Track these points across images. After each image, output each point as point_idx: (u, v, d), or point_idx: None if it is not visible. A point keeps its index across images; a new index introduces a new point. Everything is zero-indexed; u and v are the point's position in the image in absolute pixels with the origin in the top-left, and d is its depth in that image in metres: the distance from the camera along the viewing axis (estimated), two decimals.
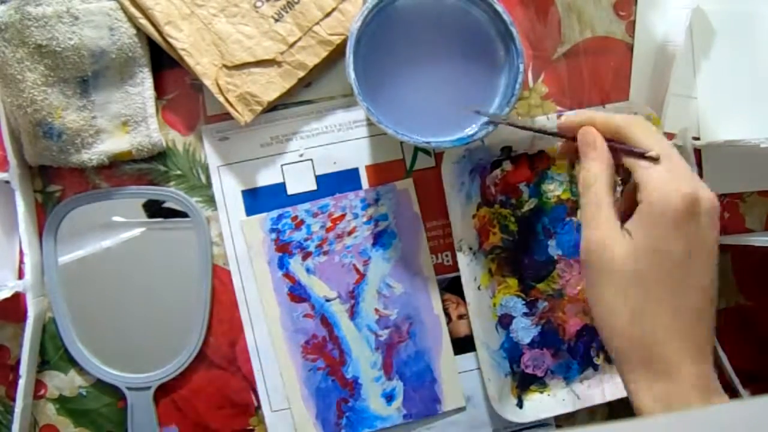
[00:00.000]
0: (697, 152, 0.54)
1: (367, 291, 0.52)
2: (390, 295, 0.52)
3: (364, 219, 0.52)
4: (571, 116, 0.39)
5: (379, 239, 0.52)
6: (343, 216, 0.52)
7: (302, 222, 0.52)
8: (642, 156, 0.34)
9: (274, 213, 0.52)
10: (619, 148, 0.37)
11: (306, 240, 0.52)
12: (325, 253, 0.52)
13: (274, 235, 0.52)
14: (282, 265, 0.52)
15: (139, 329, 0.51)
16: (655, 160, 0.33)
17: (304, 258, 0.52)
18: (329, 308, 0.52)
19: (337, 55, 0.50)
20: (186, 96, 0.52)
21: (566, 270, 0.53)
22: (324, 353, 0.52)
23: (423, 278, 0.52)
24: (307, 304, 0.52)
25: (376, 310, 0.52)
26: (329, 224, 0.52)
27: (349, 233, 0.52)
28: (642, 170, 0.34)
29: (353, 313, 0.52)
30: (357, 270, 0.52)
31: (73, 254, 0.51)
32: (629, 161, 0.36)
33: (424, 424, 0.53)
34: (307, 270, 0.52)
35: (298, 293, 0.52)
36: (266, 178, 0.52)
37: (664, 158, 0.34)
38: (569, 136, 0.41)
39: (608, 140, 0.37)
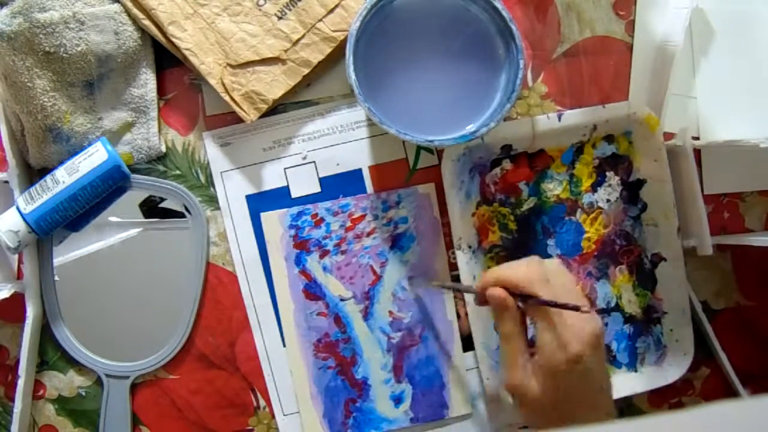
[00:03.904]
0: (697, 152, 0.54)
1: (382, 293, 0.52)
2: (405, 298, 0.52)
3: (384, 221, 0.52)
4: (486, 277, 0.44)
5: (398, 242, 0.52)
6: (363, 216, 0.52)
7: (322, 220, 0.52)
8: (566, 307, 0.40)
9: (295, 209, 0.51)
10: (547, 304, 0.41)
11: (324, 238, 0.52)
12: (343, 252, 0.52)
13: (293, 231, 0.52)
14: (299, 261, 0.52)
15: (126, 323, 0.52)
16: (584, 311, 0.39)
17: (322, 256, 0.52)
18: (343, 308, 0.52)
19: (338, 53, 0.50)
20: (185, 96, 0.52)
21: None
22: (335, 352, 0.52)
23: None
24: (322, 303, 0.52)
25: (390, 313, 0.52)
26: (349, 224, 0.52)
27: (368, 234, 0.52)
28: (541, 331, 0.41)
29: (367, 314, 0.52)
30: (374, 271, 0.52)
31: (71, 254, 0.51)
32: (536, 318, 0.42)
33: (429, 426, 0.53)
34: (324, 268, 0.52)
35: (313, 291, 0.52)
36: (270, 181, 0.52)
37: (557, 318, 0.41)
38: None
39: (532, 297, 0.41)
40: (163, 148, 0.51)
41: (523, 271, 0.43)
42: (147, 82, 0.50)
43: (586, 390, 0.42)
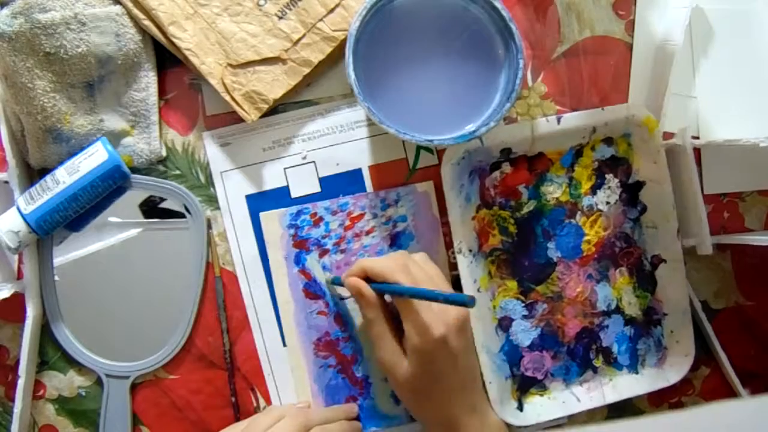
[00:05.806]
0: (697, 151, 0.54)
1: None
2: None
3: (383, 219, 0.52)
4: (352, 267, 0.47)
5: (397, 240, 0.52)
6: (362, 215, 0.52)
7: (321, 219, 0.52)
8: (451, 303, 0.40)
9: (294, 208, 0.52)
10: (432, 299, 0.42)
11: (324, 237, 0.52)
12: (342, 251, 0.52)
13: (292, 231, 0.52)
14: (298, 261, 0.52)
15: (126, 323, 0.52)
16: (468, 305, 0.39)
17: (321, 255, 0.52)
18: (343, 306, 0.52)
19: (339, 53, 0.50)
20: (185, 96, 0.52)
21: (565, 272, 0.53)
22: (336, 351, 0.52)
23: None
24: (322, 302, 0.52)
25: None
26: (348, 222, 0.52)
27: (367, 233, 0.52)
28: (405, 316, 0.44)
29: None
30: None
31: (71, 254, 0.51)
32: (398, 305, 0.45)
33: None
34: (324, 267, 0.52)
35: (312, 290, 0.52)
36: (270, 181, 0.52)
37: (420, 304, 0.44)
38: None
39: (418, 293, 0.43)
40: (164, 153, 0.51)
41: (385, 260, 0.46)
42: (148, 86, 0.50)
43: (457, 375, 0.45)
